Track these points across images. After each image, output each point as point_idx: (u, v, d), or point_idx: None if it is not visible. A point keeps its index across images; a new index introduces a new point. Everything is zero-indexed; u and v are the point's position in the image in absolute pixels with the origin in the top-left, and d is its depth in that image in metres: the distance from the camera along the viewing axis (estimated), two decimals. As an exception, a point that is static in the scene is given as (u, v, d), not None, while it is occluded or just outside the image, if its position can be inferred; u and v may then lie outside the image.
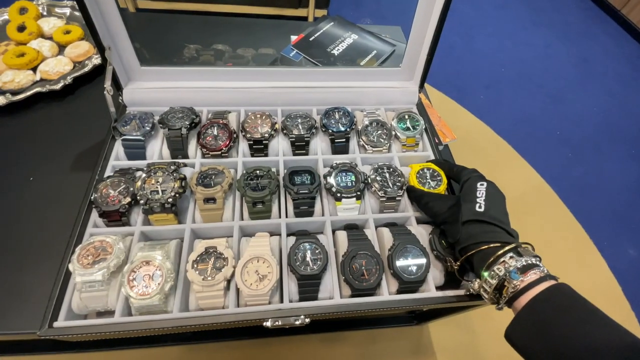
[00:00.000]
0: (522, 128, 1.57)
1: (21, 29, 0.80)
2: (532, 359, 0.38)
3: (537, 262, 0.41)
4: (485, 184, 0.49)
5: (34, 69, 0.77)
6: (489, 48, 1.92)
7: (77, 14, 0.90)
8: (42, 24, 0.84)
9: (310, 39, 0.90)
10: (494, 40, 1.97)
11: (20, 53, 0.75)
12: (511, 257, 0.41)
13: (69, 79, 0.76)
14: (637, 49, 2.11)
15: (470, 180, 0.50)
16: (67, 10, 0.91)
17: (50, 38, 0.84)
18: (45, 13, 0.90)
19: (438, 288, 0.51)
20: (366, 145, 0.62)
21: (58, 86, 0.74)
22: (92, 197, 0.51)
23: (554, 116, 1.67)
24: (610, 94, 1.82)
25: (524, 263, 0.40)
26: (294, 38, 0.91)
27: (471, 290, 0.46)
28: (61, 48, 0.83)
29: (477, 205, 0.46)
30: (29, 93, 0.72)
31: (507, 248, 0.42)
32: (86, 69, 0.78)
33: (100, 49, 0.58)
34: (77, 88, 0.78)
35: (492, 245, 0.43)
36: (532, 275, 0.39)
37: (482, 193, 0.48)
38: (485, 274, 0.42)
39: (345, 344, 0.92)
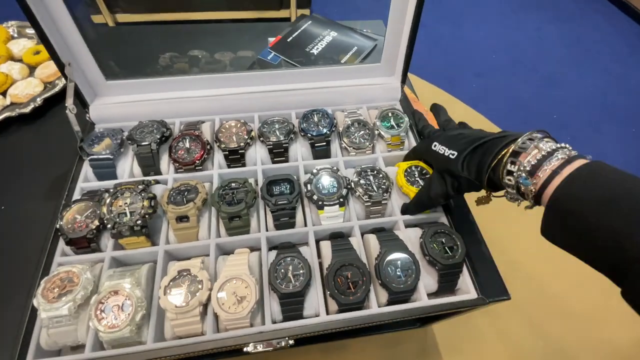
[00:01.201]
0: (517, 114, 1.53)
1: (-11, 52, 0.77)
2: (575, 252, 0.34)
3: (553, 148, 0.35)
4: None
5: (4, 94, 0.74)
6: (478, 35, 1.88)
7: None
8: (11, 47, 0.82)
9: (288, 40, 0.87)
10: (483, 27, 1.93)
11: (-13, 77, 0.72)
12: (513, 163, 0.37)
13: (38, 101, 0.73)
14: (629, 26, 2.06)
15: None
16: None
17: (20, 60, 0.81)
18: (15, 35, 0.87)
19: (431, 295, 0.48)
20: (348, 148, 0.59)
21: (28, 109, 0.72)
22: (57, 225, 0.48)
23: (550, 100, 1.63)
24: (606, 72, 1.78)
25: (533, 162, 0.35)
26: (272, 40, 0.88)
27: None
28: (32, 69, 0.80)
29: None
30: (-2, 118, 0.69)
31: (508, 151, 0.38)
32: (56, 89, 0.76)
33: (60, 65, 0.55)
34: (49, 109, 0.75)
35: (498, 156, 0.39)
36: (549, 167, 0.34)
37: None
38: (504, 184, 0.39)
39: (348, 352, 0.89)
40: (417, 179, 0.53)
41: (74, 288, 0.43)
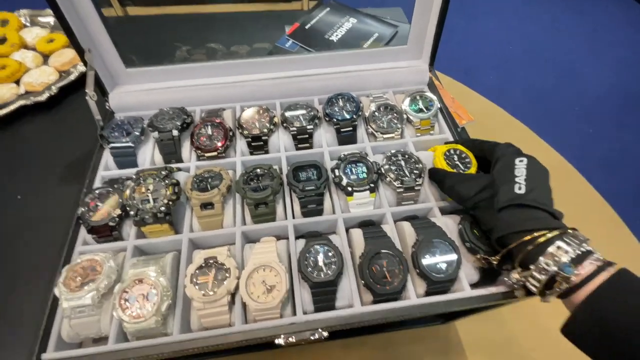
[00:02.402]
0: (537, 107, 1.48)
1: (2, 41, 0.77)
2: (595, 357, 0.33)
3: (590, 249, 0.35)
4: (524, 159, 0.42)
5: (18, 82, 0.73)
6: (493, 27, 1.84)
7: (63, 23, 0.86)
8: (24, 35, 0.81)
9: (306, 27, 0.84)
10: (498, 18, 1.89)
11: (2, 66, 0.71)
12: (559, 248, 0.35)
13: (54, 89, 0.72)
14: (648, 15, 2.00)
15: (507, 157, 0.43)
16: (51, 19, 0.87)
17: (33, 49, 0.80)
18: (28, 24, 0.86)
19: (472, 285, 0.45)
20: (376, 133, 0.56)
21: (43, 97, 0.70)
22: (79, 212, 0.46)
23: (569, 91, 1.57)
24: (625, 62, 1.71)
25: (578, 252, 0.34)
26: (288, 28, 0.86)
27: (513, 283, 0.40)
28: (45, 58, 0.79)
29: (517, 186, 0.40)
30: (13, 107, 0.68)
31: (553, 235, 0.35)
32: (72, 77, 0.75)
33: (80, 52, 0.54)
34: (64, 98, 0.74)
35: (536, 234, 0.36)
36: (588, 267, 0.34)
37: (522, 172, 0.41)
38: (532, 267, 0.36)
39: (368, 348, 0.86)
40: (457, 162, 0.50)
41: (97, 277, 0.41)
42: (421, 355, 0.86)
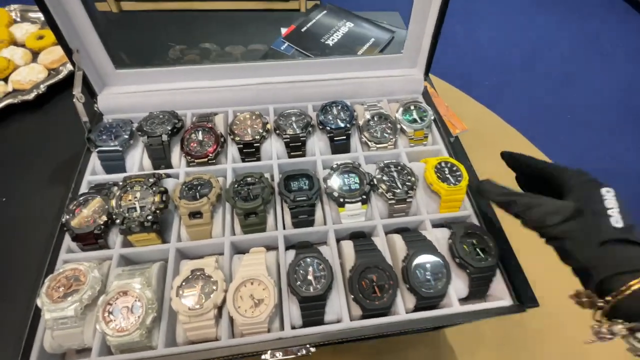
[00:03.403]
0: (532, 114, 1.49)
1: (-10, 37, 0.75)
2: None
3: None
4: (612, 190, 0.35)
5: (6, 80, 0.71)
6: (491, 34, 1.84)
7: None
8: (14, 31, 0.79)
9: (302, 30, 0.83)
10: (496, 25, 1.89)
11: (-11, 63, 0.69)
12: None
13: (42, 88, 0.70)
14: (646, 23, 2.01)
15: (587, 184, 0.36)
16: (42, 15, 0.85)
17: (23, 45, 0.78)
18: (18, 19, 0.84)
19: (461, 300, 0.45)
20: (369, 142, 0.56)
21: (31, 96, 0.69)
22: (63, 220, 0.45)
23: (565, 100, 1.58)
24: (622, 72, 1.73)
25: None
26: (284, 30, 0.84)
27: (606, 337, 0.32)
28: (35, 55, 0.77)
29: (613, 219, 0.33)
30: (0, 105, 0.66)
31: None
32: (61, 76, 0.73)
33: (68, 52, 0.52)
34: (53, 97, 0.72)
35: None
36: None
37: (614, 204, 0.34)
38: None
39: (359, 354, 0.86)
40: (448, 175, 0.50)
41: (80, 287, 0.40)
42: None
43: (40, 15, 0.85)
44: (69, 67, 0.73)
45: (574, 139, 1.43)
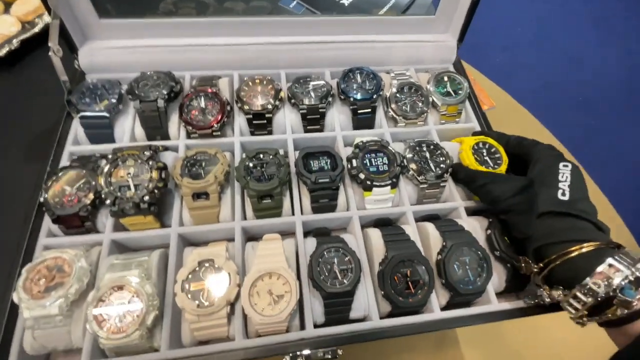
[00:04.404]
0: (543, 94, 1.43)
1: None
2: None
3: None
4: (569, 165, 0.38)
5: (-29, 32, 0.61)
6: (503, 6, 1.74)
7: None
8: (-15, -22, 0.67)
9: (314, -14, 0.73)
10: (508, 3, 1.79)
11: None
12: (611, 266, 0.30)
13: (15, 43, 0.61)
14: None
15: (549, 159, 0.39)
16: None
17: (-7, -6, 0.66)
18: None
19: (497, 295, 0.41)
20: (397, 117, 0.49)
21: (2, 52, 0.59)
22: (41, 199, 0.38)
23: (576, 81, 1.53)
24: (635, 55, 1.68)
25: (637, 274, 0.29)
26: (293, -15, 0.74)
27: (545, 301, 0.36)
28: (7, 6, 0.66)
29: (560, 191, 0.36)
30: (-39, 61, 0.56)
31: (601, 250, 0.32)
32: (36, 30, 0.63)
33: (39, -8, 0.42)
34: (28, 54, 0.62)
35: (582, 246, 0.32)
36: None
37: (567, 177, 0.37)
38: (577, 288, 0.32)
39: (383, 348, 0.84)
40: (486, 157, 0.44)
41: (65, 280, 0.34)
42: (417, 344, 0.85)
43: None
44: (46, 19, 0.63)
45: (583, 121, 1.39)
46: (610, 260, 0.31)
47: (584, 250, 0.32)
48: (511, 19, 1.68)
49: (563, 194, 0.36)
